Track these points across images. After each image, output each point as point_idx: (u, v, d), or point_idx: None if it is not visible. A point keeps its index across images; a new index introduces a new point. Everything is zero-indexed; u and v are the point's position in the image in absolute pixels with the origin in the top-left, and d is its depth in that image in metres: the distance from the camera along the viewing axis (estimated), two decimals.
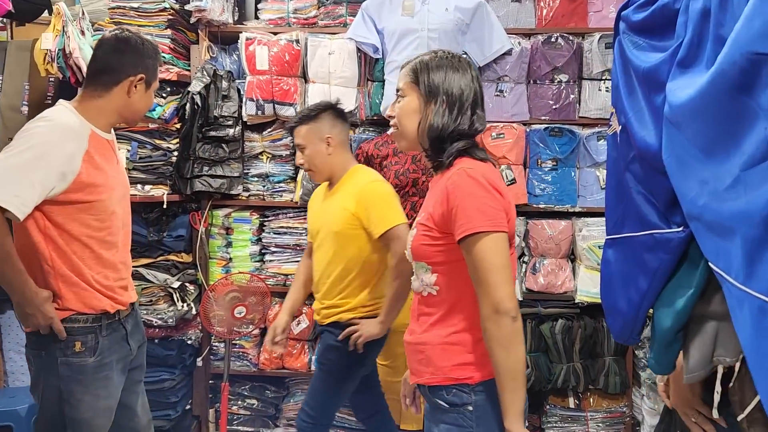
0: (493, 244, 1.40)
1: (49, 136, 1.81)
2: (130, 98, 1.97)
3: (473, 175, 1.44)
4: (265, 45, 3.12)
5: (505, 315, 1.38)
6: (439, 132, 1.51)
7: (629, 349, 3.14)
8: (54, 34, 3.01)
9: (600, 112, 3.12)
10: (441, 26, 2.95)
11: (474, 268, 1.42)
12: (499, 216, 1.43)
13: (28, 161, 1.75)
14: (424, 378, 1.53)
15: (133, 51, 1.97)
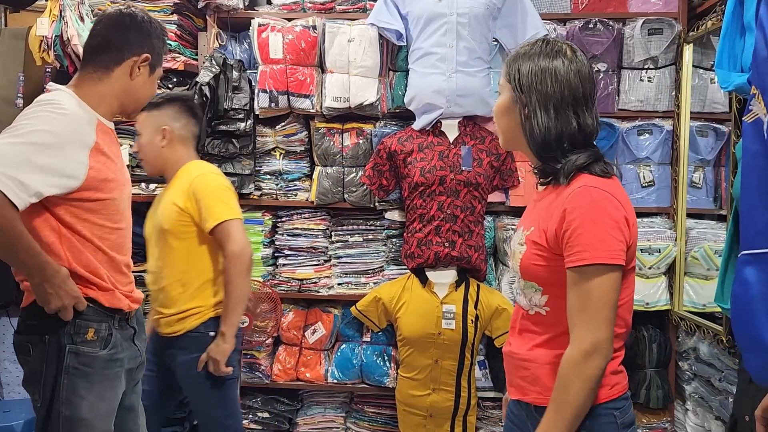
0: (609, 279, 1.26)
1: (59, 126, 1.58)
2: (133, 81, 1.76)
3: (597, 197, 1.28)
4: (279, 32, 2.88)
5: (604, 358, 1.27)
6: (543, 138, 1.35)
7: (672, 360, 2.91)
8: (51, 19, 2.78)
9: (641, 104, 2.89)
10: (471, 10, 2.71)
11: (578, 302, 1.28)
12: (618, 246, 1.26)
13: (35, 146, 1.53)
14: (530, 397, 1.43)
15: (138, 28, 1.75)
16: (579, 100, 1.35)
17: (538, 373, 1.39)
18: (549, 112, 1.34)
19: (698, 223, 2.86)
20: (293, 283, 3.06)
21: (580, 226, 1.27)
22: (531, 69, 1.36)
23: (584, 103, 1.35)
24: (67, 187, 1.60)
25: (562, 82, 1.33)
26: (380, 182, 2.88)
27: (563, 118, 1.33)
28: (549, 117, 1.34)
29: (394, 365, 3.01)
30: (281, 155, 3.07)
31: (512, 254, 1.47)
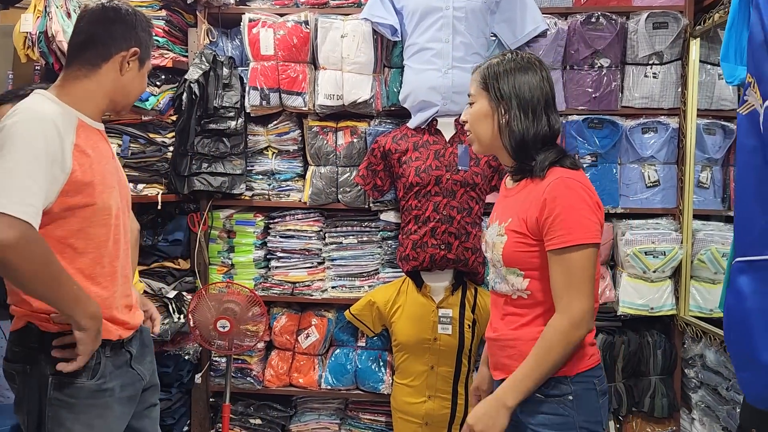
0: (589, 256, 1.45)
1: (27, 133, 1.46)
2: (123, 77, 1.67)
3: (573, 186, 1.48)
4: (270, 27, 2.79)
5: (585, 327, 1.45)
6: (522, 137, 1.55)
7: (678, 367, 2.80)
8: (35, 15, 2.70)
9: (645, 101, 2.78)
10: (468, 4, 2.61)
11: (564, 277, 1.45)
12: (597, 230, 1.47)
13: (17, 165, 1.42)
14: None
15: (123, 21, 1.66)
16: (549, 103, 1.58)
17: (524, 349, 1.53)
18: (528, 115, 1.55)
19: (705, 225, 2.75)
20: (286, 286, 2.97)
21: (561, 212, 1.45)
22: (510, 79, 1.57)
23: (552, 106, 1.59)
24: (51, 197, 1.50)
25: (539, 89, 1.56)
26: (374, 182, 2.79)
27: (539, 120, 1.56)
28: (528, 120, 1.55)
29: (389, 371, 2.92)
30: (273, 155, 2.99)
31: (491, 246, 1.61)
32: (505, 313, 1.61)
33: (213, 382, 3.03)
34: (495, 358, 1.66)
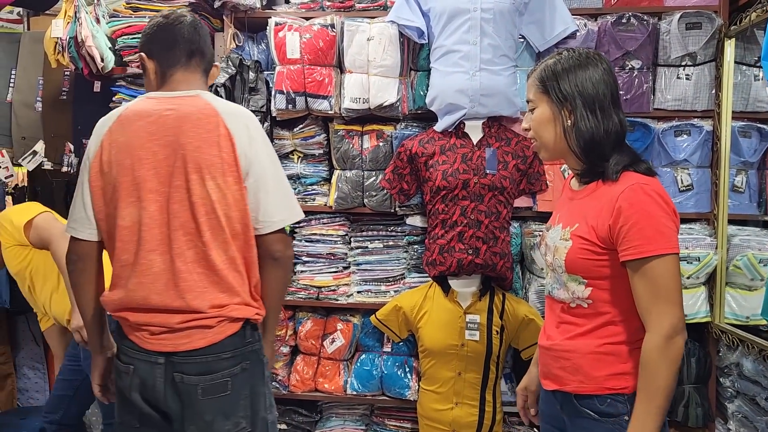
0: (672, 265, 1.39)
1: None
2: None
3: (650, 193, 1.41)
4: (296, 31, 2.79)
5: (678, 340, 1.38)
6: (591, 138, 1.48)
7: (713, 376, 2.72)
8: (65, 21, 2.74)
9: (678, 104, 2.71)
10: (496, 5, 2.58)
11: (649, 290, 1.39)
12: (675, 236, 1.41)
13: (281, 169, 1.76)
14: (571, 386, 1.51)
15: (207, 35, 1.81)
16: (615, 98, 1.50)
17: (580, 363, 1.48)
18: (596, 113, 1.47)
19: (741, 230, 2.67)
20: (311, 290, 2.96)
21: (639, 221, 1.38)
22: (571, 77, 1.49)
23: (618, 102, 1.51)
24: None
25: (603, 84, 1.48)
26: (401, 186, 2.76)
27: (608, 116, 1.48)
28: (597, 118, 1.47)
29: (415, 377, 2.88)
30: (299, 158, 2.98)
31: (552, 250, 1.55)
32: (561, 321, 1.55)
33: None
34: (547, 368, 1.59)
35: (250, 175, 1.62)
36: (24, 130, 3.30)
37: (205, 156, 1.58)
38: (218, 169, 1.59)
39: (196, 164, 1.58)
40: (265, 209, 1.63)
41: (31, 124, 3.30)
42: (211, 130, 1.60)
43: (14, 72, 3.32)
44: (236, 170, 1.60)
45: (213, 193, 1.58)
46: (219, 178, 1.59)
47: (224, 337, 1.63)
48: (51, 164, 3.25)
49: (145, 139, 1.61)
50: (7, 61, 3.33)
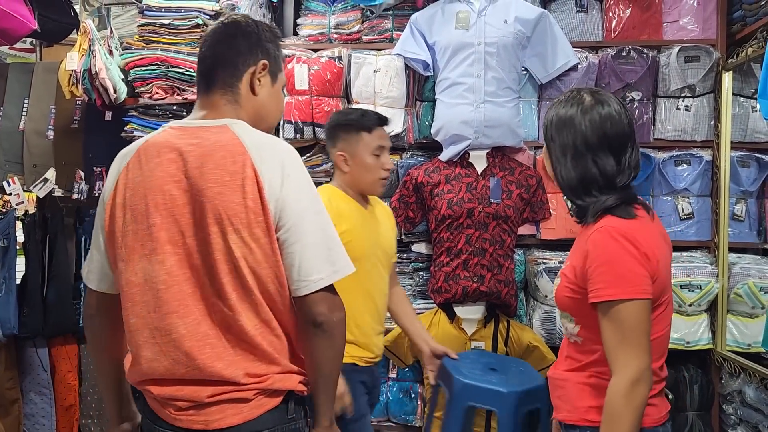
0: (637, 310, 1.35)
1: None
2: (257, 97, 1.46)
3: (615, 236, 1.38)
4: (304, 63, 2.86)
5: (647, 384, 1.35)
6: (567, 184, 1.47)
7: (716, 403, 2.75)
8: (80, 53, 2.80)
9: (678, 134, 2.78)
10: (499, 40, 2.65)
11: (615, 334, 1.36)
12: (642, 281, 1.36)
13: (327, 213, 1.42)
14: (561, 414, 1.54)
15: (246, 34, 1.46)
16: (594, 146, 1.43)
17: (570, 393, 1.50)
18: (566, 158, 1.46)
19: (741, 258, 2.72)
20: None
21: (601, 265, 1.37)
22: (552, 119, 1.50)
23: (604, 149, 1.43)
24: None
25: (576, 131, 1.44)
26: (407, 214, 2.81)
27: (581, 162, 1.44)
28: (568, 163, 1.46)
29: (421, 403, 2.90)
30: None
31: (555, 284, 1.58)
32: (566, 354, 1.56)
33: None
34: (551, 397, 1.60)
35: (283, 224, 1.33)
36: (36, 157, 3.35)
37: (228, 204, 1.30)
38: (242, 220, 1.30)
39: (216, 214, 1.30)
40: (301, 265, 1.33)
41: (43, 152, 3.35)
42: (235, 172, 1.31)
43: (27, 101, 3.37)
44: (264, 220, 1.31)
45: (237, 248, 1.30)
46: (244, 231, 1.31)
47: (263, 412, 1.37)
48: (62, 191, 3.30)
49: (163, 180, 1.34)
50: (20, 90, 3.39)
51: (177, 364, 1.34)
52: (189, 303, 1.34)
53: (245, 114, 1.44)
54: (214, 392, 1.34)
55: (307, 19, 3.01)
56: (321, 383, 1.41)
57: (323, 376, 1.40)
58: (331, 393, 1.44)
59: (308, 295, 1.33)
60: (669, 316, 1.47)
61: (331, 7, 2.99)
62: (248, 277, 1.32)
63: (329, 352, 1.38)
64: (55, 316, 3.27)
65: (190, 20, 2.83)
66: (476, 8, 2.70)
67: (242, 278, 1.32)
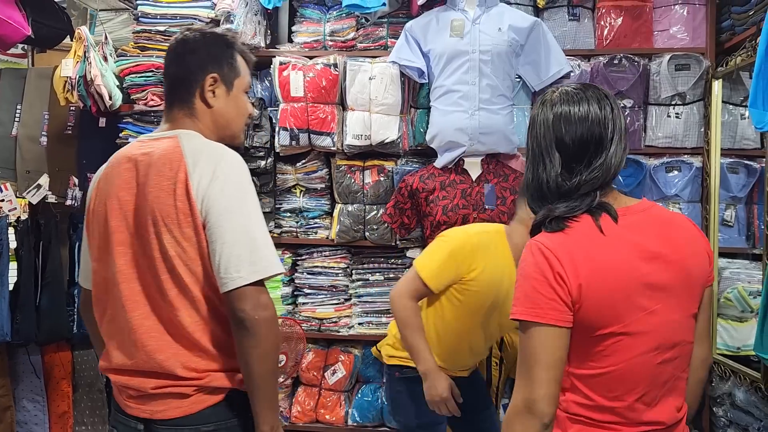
0: (537, 337, 1.21)
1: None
2: (213, 109, 1.54)
3: (534, 251, 1.24)
4: (300, 70, 2.88)
5: (537, 418, 1.19)
6: (526, 191, 1.35)
7: (706, 406, 2.79)
8: (75, 60, 2.81)
9: (669, 141, 2.82)
10: (494, 48, 2.68)
11: (519, 355, 1.25)
12: (548, 305, 1.21)
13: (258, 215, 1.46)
14: None
15: (193, 51, 1.54)
16: (547, 147, 1.30)
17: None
18: (528, 161, 1.34)
19: (731, 263, 2.76)
20: (313, 322, 3.01)
21: (517, 280, 1.26)
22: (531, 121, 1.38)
23: (555, 150, 1.29)
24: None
25: (535, 131, 1.33)
26: (402, 220, 2.84)
27: (540, 167, 1.30)
28: (529, 167, 1.33)
29: None
30: (302, 193, 3.05)
31: None
32: None
33: None
34: None
35: (207, 223, 1.38)
36: (29, 163, 3.34)
37: (162, 206, 1.40)
38: (174, 221, 1.39)
39: (154, 216, 1.40)
40: (220, 262, 1.36)
41: (36, 158, 3.34)
42: (170, 177, 1.41)
43: (20, 107, 3.36)
44: (192, 219, 1.39)
45: (170, 247, 1.39)
46: (175, 230, 1.39)
47: (203, 408, 1.43)
48: (55, 198, 3.29)
49: (119, 187, 1.47)
50: (12, 96, 3.38)
51: (128, 355, 1.44)
52: (138, 299, 1.43)
53: (204, 125, 1.52)
54: (158, 384, 1.42)
55: (302, 26, 3.03)
56: (251, 384, 1.41)
57: (251, 376, 1.40)
58: (265, 395, 1.42)
59: (229, 292, 1.36)
60: (634, 350, 1.25)
61: (326, 15, 3.01)
62: (184, 275, 1.39)
63: (254, 351, 1.37)
64: (48, 322, 3.26)
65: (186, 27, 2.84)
66: (471, 17, 2.73)
67: (178, 275, 1.40)
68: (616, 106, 1.33)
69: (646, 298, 1.25)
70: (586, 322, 1.22)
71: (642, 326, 1.24)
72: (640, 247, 1.26)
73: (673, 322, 1.28)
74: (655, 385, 1.28)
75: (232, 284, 1.35)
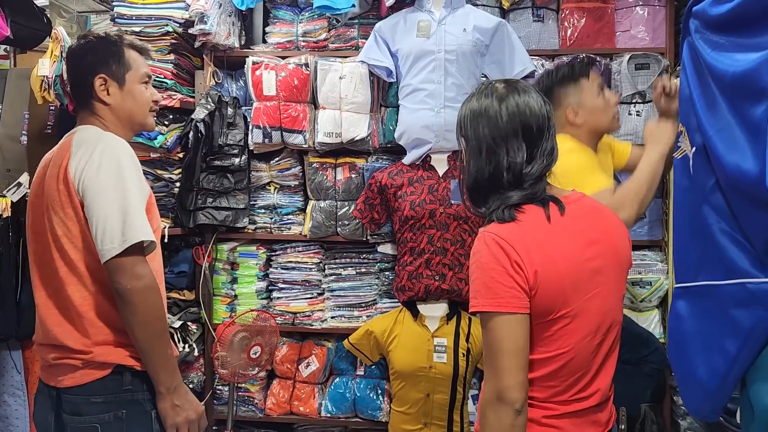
0: (500, 326, 1.25)
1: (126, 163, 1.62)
2: (111, 105, 1.72)
3: (488, 242, 1.29)
4: (272, 69, 2.95)
5: (509, 405, 1.24)
6: (477, 184, 1.38)
7: (667, 395, 2.87)
8: (51, 60, 2.87)
9: (630, 138, 2.90)
10: (459, 48, 2.77)
11: (485, 347, 1.30)
12: (508, 293, 1.25)
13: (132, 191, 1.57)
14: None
15: (80, 58, 1.74)
16: (509, 135, 1.35)
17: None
18: (483, 153, 1.36)
19: None
20: (287, 316, 3.08)
21: (473, 272, 1.30)
22: (466, 114, 1.43)
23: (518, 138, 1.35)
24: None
25: (491, 121, 1.36)
26: (372, 216, 2.91)
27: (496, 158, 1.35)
28: (482, 158, 1.36)
29: (387, 399, 3.00)
30: (275, 189, 3.12)
31: None
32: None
33: (216, 411, 3.11)
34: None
35: (84, 201, 1.54)
36: (9, 162, 3.39)
37: (50, 191, 1.58)
38: (58, 203, 1.56)
39: (47, 202, 1.58)
40: (96, 236, 1.50)
41: (16, 156, 3.39)
42: (58, 165, 1.59)
43: (0, 107, 3.42)
44: (73, 200, 1.54)
45: (58, 228, 1.56)
46: (60, 212, 1.56)
47: (92, 380, 1.56)
48: None
49: (36, 181, 1.69)
50: None
51: (39, 330, 1.65)
52: (40, 277, 1.63)
53: (108, 121, 1.72)
54: (56, 356, 1.58)
55: (276, 27, 3.11)
56: (139, 349, 1.54)
57: (137, 342, 1.53)
58: (154, 359, 1.54)
59: (107, 264, 1.49)
60: (578, 333, 1.32)
61: (298, 16, 3.09)
62: (70, 252, 1.55)
63: (132, 319, 1.50)
64: (28, 318, 3.29)
65: (160, 28, 2.92)
66: (437, 17, 2.81)
67: (66, 253, 1.55)
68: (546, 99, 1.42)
69: (588, 282, 1.31)
70: (539, 307, 1.28)
71: (584, 310, 1.31)
72: (583, 234, 1.34)
73: (609, 304, 1.36)
74: (592, 365, 1.35)
75: (107, 255, 1.49)
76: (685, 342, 1.02)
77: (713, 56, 0.93)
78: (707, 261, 0.95)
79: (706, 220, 0.95)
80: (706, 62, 0.94)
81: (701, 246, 0.97)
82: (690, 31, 1.02)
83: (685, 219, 1.05)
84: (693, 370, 1.00)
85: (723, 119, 0.91)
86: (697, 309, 0.99)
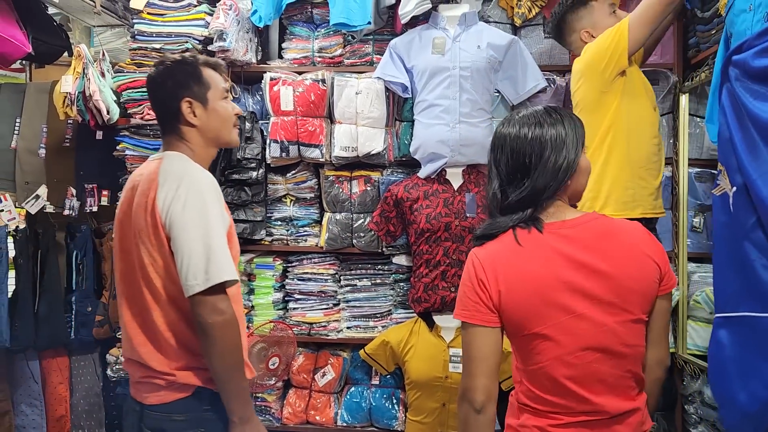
0: (469, 335, 1.41)
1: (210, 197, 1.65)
2: (199, 126, 1.73)
3: (468, 260, 1.44)
4: (289, 85, 3.01)
5: (468, 404, 1.39)
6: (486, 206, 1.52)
7: (678, 404, 2.93)
8: (74, 76, 2.93)
9: None
10: (473, 64, 2.83)
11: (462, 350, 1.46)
12: (472, 307, 1.40)
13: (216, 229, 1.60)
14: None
15: (163, 83, 1.73)
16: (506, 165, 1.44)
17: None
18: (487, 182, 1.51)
19: (699, 267, 2.91)
20: (303, 326, 3.13)
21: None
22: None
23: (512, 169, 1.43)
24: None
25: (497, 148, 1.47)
26: (387, 228, 2.97)
27: (491, 184, 1.48)
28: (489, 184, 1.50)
29: (402, 408, 3.05)
30: (292, 202, 3.18)
31: None
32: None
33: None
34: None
35: (170, 235, 1.59)
36: (27, 175, 3.45)
37: (139, 221, 1.63)
38: (145, 234, 1.61)
39: (135, 230, 1.64)
40: (181, 271, 1.56)
41: (35, 169, 3.45)
42: (147, 196, 1.62)
43: (19, 120, 3.48)
44: (159, 233, 1.59)
45: (145, 256, 1.61)
46: (147, 243, 1.61)
47: (174, 399, 1.64)
48: (53, 208, 3.41)
49: (123, 203, 1.72)
50: (11, 109, 3.50)
51: (126, 345, 1.71)
52: (126, 296, 1.69)
53: (195, 143, 1.73)
54: (142, 374, 1.66)
55: (292, 43, 3.17)
56: (216, 379, 1.60)
57: (214, 372, 1.59)
58: (229, 389, 1.60)
59: (190, 298, 1.55)
60: (559, 349, 1.37)
61: (314, 33, 3.15)
62: (155, 281, 1.62)
63: (212, 350, 1.56)
64: (46, 328, 3.36)
65: (180, 45, 2.98)
66: (451, 35, 2.88)
67: (151, 282, 1.62)
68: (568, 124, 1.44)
69: (569, 302, 1.36)
70: (512, 323, 1.39)
71: (566, 328, 1.36)
72: (567, 256, 1.37)
73: (603, 326, 1.37)
74: (591, 381, 1.37)
75: (191, 291, 1.54)
76: (725, 368, 1.08)
77: (755, 105, 0.99)
78: (748, 293, 1.01)
79: (747, 255, 1.01)
80: (748, 109, 1.00)
81: (742, 279, 1.03)
82: (730, 78, 1.08)
83: (724, 252, 1.11)
84: (734, 394, 1.06)
85: (765, 164, 0.97)
86: (738, 338, 1.05)
